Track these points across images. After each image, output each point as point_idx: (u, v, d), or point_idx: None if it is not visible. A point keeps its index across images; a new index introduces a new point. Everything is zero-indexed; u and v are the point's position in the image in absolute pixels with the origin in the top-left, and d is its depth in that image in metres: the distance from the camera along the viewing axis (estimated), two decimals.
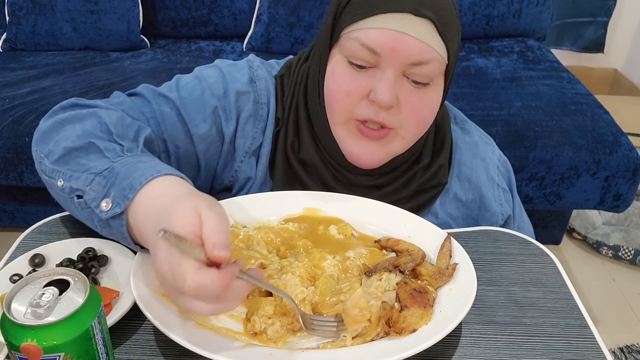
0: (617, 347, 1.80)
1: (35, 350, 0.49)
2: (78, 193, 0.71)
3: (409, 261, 0.72)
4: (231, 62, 0.92)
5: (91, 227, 0.74)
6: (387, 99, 0.76)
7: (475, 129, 0.98)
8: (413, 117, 0.81)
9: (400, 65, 0.76)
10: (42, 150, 0.77)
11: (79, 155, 0.74)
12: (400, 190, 0.89)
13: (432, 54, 0.76)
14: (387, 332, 0.64)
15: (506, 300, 0.74)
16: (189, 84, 0.88)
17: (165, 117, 0.85)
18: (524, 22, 2.40)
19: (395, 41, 0.75)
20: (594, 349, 0.67)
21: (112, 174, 0.69)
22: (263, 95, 0.89)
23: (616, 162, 1.78)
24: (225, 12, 2.36)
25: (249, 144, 0.89)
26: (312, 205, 0.84)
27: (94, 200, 0.69)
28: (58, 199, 0.78)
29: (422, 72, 0.77)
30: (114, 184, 0.68)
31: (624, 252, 2.12)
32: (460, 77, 2.11)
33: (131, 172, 0.68)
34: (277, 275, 0.70)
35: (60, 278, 0.54)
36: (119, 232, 0.69)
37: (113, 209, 0.67)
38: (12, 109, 1.83)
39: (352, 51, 0.78)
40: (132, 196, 0.66)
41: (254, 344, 0.63)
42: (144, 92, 0.87)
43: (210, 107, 0.86)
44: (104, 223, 0.70)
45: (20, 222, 2.06)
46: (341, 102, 0.81)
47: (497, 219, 0.93)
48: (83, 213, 0.73)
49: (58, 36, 2.23)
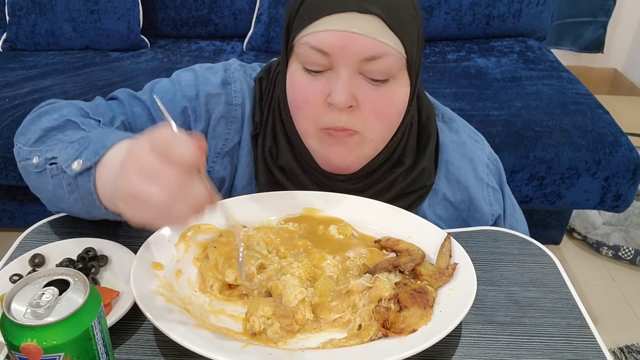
0: (617, 347, 1.80)
1: (35, 350, 0.49)
2: (52, 161, 0.73)
3: (409, 261, 0.72)
4: (209, 66, 0.94)
5: (60, 198, 0.75)
6: (343, 99, 0.76)
7: (464, 127, 0.97)
8: (375, 116, 0.80)
9: (352, 63, 0.76)
10: (20, 141, 0.80)
11: (55, 134, 0.77)
12: (381, 194, 0.88)
13: (383, 47, 0.75)
14: (385, 334, 0.64)
15: (506, 300, 0.74)
16: (163, 87, 0.91)
17: (137, 117, 0.88)
18: (524, 22, 2.40)
19: (343, 40, 0.75)
20: (594, 349, 0.67)
21: (86, 140, 0.71)
22: (237, 97, 0.90)
23: (616, 162, 1.78)
24: (226, 12, 2.36)
25: (221, 145, 0.90)
26: (312, 205, 0.84)
27: (65, 162, 0.70)
28: (32, 183, 0.79)
29: (378, 68, 0.77)
30: (87, 147, 0.69)
31: (624, 252, 2.12)
32: (460, 77, 2.11)
33: (105, 136, 0.70)
34: (277, 276, 0.71)
35: (60, 278, 0.54)
36: (86, 188, 0.69)
37: (84, 165, 0.68)
38: (12, 109, 1.83)
39: (305, 56, 0.78)
40: (103, 152, 0.67)
41: (254, 344, 0.63)
42: (120, 95, 0.91)
43: (179, 107, 0.89)
44: (73, 185, 0.70)
45: (20, 222, 2.06)
46: (303, 111, 0.81)
47: (487, 219, 0.93)
48: (53, 181, 0.74)
49: (58, 36, 2.24)
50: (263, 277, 0.71)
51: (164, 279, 0.69)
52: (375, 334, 0.64)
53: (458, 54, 2.30)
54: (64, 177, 0.71)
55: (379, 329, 0.64)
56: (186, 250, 0.74)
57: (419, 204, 0.91)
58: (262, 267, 0.73)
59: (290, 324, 0.65)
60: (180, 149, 0.53)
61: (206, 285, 0.71)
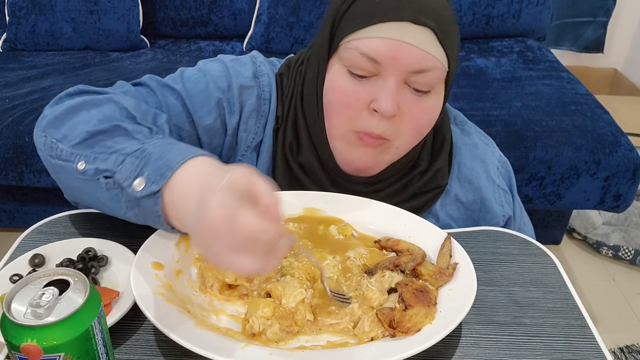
0: (617, 347, 1.80)
1: (35, 350, 0.49)
2: (106, 174, 0.69)
3: (410, 260, 0.72)
4: (234, 57, 0.92)
5: (112, 208, 0.72)
6: (390, 107, 0.76)
7: (475, 130, 0.98)
8: (413, 127, 0.81)
9: (401, 73, 0.76)
10: (53, 135, 0.74)
11: (103, 139, 0.72)
12: (397, 194, 0.90)
13: (432, 61, 0.76)
14: (392, 335, 0.63)
15: (506, 300, 0.74)
16: (193, 76, 0.88)
17: (171, 107, 0.85)
18: (523, 22, 2.40)
19: (396, 50, 0.75)
20: (594, 349, 0.67)
21: (145, 154, 0.67)
22: (266, 91, 0.89)
23: (616, 162, 1.78)
24: (225, 12, 2.36)
25: (251, 139, 0.90)
26: (312, 205, 0.84)
27: (125, 180, 0.67)
28: (71, 183, 0.75)
29: (423, 80, 0.77)
30: (147, 163, 0.66)
31: (624, 252, 2.12)
32: (460, 77, 2.11)
33: (165, 152, 0.67)
34: (277, 277, 0.71)
35: (60, 278, 0.54)
36: (152, 210, 0.66)
37: (149, 187, 0.65)
38: (12, 109, 1.83)
39: (352, 61, 0.77)
40: (170, 174, 0.64)
41: (254, 344, 0.63)
42: (149, 82, 0.87)
43: (214, 99, 0.86)
44: (134, 202, 0.67)
45: (20, 222, 2.06)
46: (342, 114, 0.81)
47: (498, 220, 0.93)
48: (108, 194, 0.70)
49: (58, 36, 2.24)
50: (262, 278, 0.71)
51: (164, 279, 0.69)
52: (382, 335, 0.64)
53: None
54: (123, 193, 0.68)
55: (383, 332, 0.64)
56: (186, 250, 0.74)
57: (432, 204, 0.92)
58: None
59: (289, 325, 0.65)
60: (268, 235, 0.54)
61: (206, 285, 0.71)
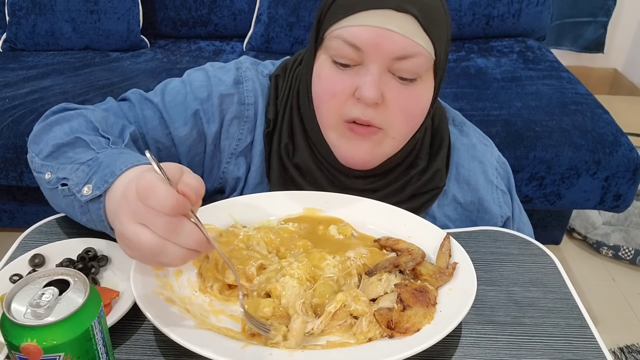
0: (617, 347, 1.80)
1: (35, 350, 0.49)
2: (63, 181, 0.75)
3: (410, 260, 0.72)
4: (221, 65, 0.94)
5: (71, 214, 0.78)
6: (372, 94, 0.76)
7: (474, 131, 0.98)
8: (401, 115, 0.81)
9: (384, 60, 0.76)
10: (33, 150, 0.82)
11: (66, 150, 0.78)
12: (395, 194, 0.90)
13: (416, 48, 0.76)
14: (391, 335, 0.63)
15: (506, 300, 0.74)
16: (174, 88, 0.91)
17: (147, 120, 0.88)
18: (523, 22, 2.40)
19: (378, 37, 0.75)
20: (594, 349, 0.67)
21: (96, 162, 0.73)
22: (250, 96, 0.90)
23: (616, 162, 1.78)
24: (225, 12, 2.36)
25: (235, 145, 0.91)
26: (312, 205, 0.84)
27: (76, 186, 0.72)
28: (45, 194, 0.82)
29: (408, 67, 0.77)
30: (96, 171, 0.71)
31: (624, 252, 2.12)
32: (460, 77, 2.11)
33: (113, 160, 0.71)
34: (276, 277, 0.70)
35: (60, 278, 0.54)
36: (97, 215, 0.71)
37: (93, 192, 0.70)
38: (12, 109, 1.83)
39: (336, 50, 0.78)
40: (112, 180, 0.68)
41: (254, 344, 0.63)
42: (131, 97, 0.91)
43: (191, 110, 0.89)
44: (84, 208, 0.72)
45: (20, 222, 2.06)
46: (328, 104, 0.81)
47: (496, 220, 0.93)
48: (65, 200, 0.76)
49: (58, 36, 2.24)
50: (262, 278, 0.71)
51: (164, 279, 0.69)
52: (380, 336, 0.64)
53: (458, 54, 2.30)
54: (75, 199, 0.73)
55: (381, 333, 0.64)
56: None
57: (430, 205, 0.92)
58: (262, 268, 0.73)
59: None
60: (157, 199, 0.55)
61: (206, 286, 0.71)
